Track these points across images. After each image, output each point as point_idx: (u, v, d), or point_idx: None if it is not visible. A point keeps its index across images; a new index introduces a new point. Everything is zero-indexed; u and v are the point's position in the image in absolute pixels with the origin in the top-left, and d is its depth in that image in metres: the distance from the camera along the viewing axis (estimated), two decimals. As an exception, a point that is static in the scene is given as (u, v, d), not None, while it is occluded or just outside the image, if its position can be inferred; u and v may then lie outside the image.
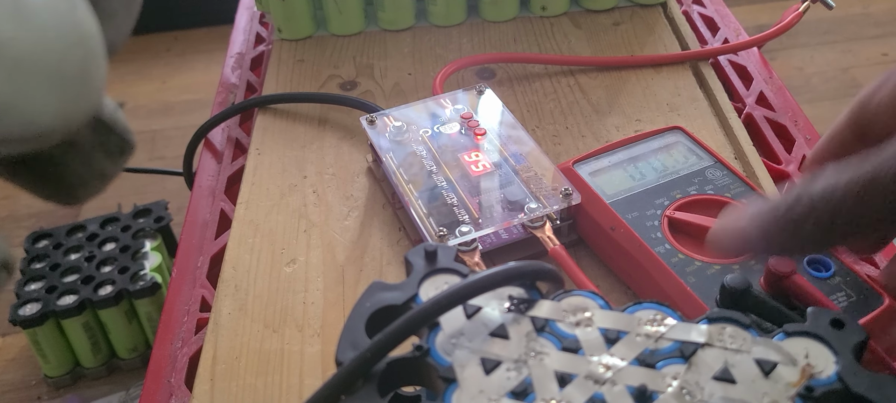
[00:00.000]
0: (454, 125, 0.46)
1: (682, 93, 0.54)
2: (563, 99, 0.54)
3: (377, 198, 0.46)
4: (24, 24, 0.15)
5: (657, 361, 0.23)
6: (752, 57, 0.59)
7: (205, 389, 0.36)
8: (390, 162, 0.43)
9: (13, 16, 0.14)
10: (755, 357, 0.23)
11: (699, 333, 0.24)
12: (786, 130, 0.51)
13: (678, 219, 0.38)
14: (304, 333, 0.39)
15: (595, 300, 0.25)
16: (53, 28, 0.15)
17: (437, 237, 0.38)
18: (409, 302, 0.26)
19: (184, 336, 0.41)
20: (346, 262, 0.42)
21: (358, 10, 0.62)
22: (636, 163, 0.42)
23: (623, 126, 0.51)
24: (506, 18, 0.63)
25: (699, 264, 0.36)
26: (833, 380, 0.22)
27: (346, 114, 0.54)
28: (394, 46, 0.61)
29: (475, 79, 0.56)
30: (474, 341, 0.24)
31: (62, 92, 0.16)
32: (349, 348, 0.24)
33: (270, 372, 0.37)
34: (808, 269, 0.35)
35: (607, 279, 0.40)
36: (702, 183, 0.40)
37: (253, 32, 0.67)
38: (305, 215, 0.46)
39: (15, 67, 0.14)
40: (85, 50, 0.16)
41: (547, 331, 0.24)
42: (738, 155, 0.48)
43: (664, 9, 0.63)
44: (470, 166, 0.42)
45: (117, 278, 0.94)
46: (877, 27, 1.67)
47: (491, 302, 0.25)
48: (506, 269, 0.25)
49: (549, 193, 0.40)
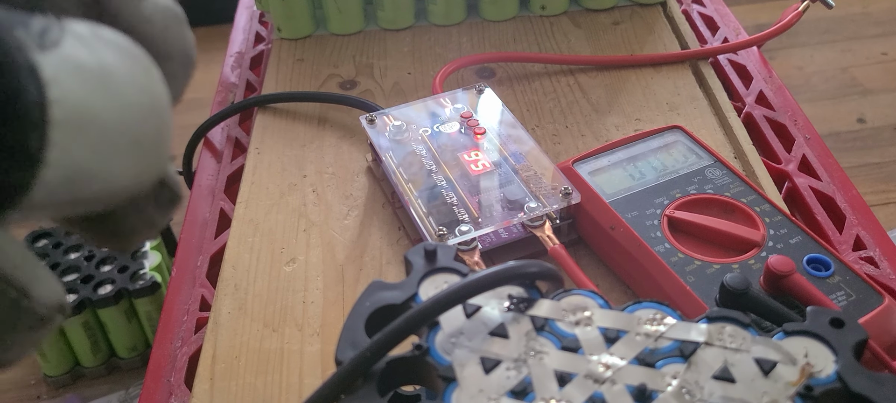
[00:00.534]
0: (454, 124, 0.46)
1: (681, 93, 0.54)
2: (562, 98, 0.54)
3: (377, 197, 0.46)
4: (110, 96, 0.15)
5: (657, 360, 0.23)
6: (751, 56, 0.59)
7: (204, 388, 0.36)
8: (390, 161, 0.43)
9: (101, 89, 0.15)
10: (755, 356, 0.23)
11: (699, 332, 0.24)
12: (785, 129, 0.51)
13: (678, 219, 0.38)
14: (304, 332, 0.39)
15: (595, 299, 0.25)
16: (134, 99, 0.16)
17: (436, 236, 0.38)
18: (409, 302, 0.26)
19: (183, 336, 0.41)
20: (345, 261, 0.42)
21: (358, 10, 0.62)
22: (636, 162, 0.42)
23: (623, 125, 0.51)
24: (505, 18, 0.63)
25: (699, 263, 0.36)
26: (832, 379, 0.22)
27: (345, 114, 0.54)
28: (393, 46, 0.61)
29: (475, 79, 0.56)
30: (474, 340, 0.24)
31: (139, 157, 0.16)
32: (349, 347, 0.24)
33: (270, 372, 0.37)
34: (807, 268, 0.35)
35: (607, 278, 0.40)
36: (701, 182, 0.40)
37: (252, 31, 0.67)
38: (305, 214, 0.46)
39: (101, 138, 0.15)
40: (160, 117, 0.17)
41: (546, 330, 0.24)
42: (737, 154, 0.48)
43: (664, 8, 0.63)
44: (469, 165, 0.42)
45: (117, 277, 0.94)
46: (876, 26, 1.67)
47: (490, 302, 0.25)
48: (505, 268, 0.25)
49: (548, 192, 0.40)
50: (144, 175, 0.17)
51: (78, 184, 0.15)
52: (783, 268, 0.33)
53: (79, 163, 0.15)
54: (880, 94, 1.49)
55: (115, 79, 0.16)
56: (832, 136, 1.39)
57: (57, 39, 0.15)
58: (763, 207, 0.39)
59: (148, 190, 0.18)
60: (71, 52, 0.15)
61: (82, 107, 0.15)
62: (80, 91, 0.15)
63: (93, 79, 0.15)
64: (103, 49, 0.16)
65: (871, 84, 1.52)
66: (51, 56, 0.14)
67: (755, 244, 0.37)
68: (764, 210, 0.39)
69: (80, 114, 0.15)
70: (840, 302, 0.34)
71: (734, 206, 0.39)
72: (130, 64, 0.16)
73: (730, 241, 0.37)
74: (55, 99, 0.14)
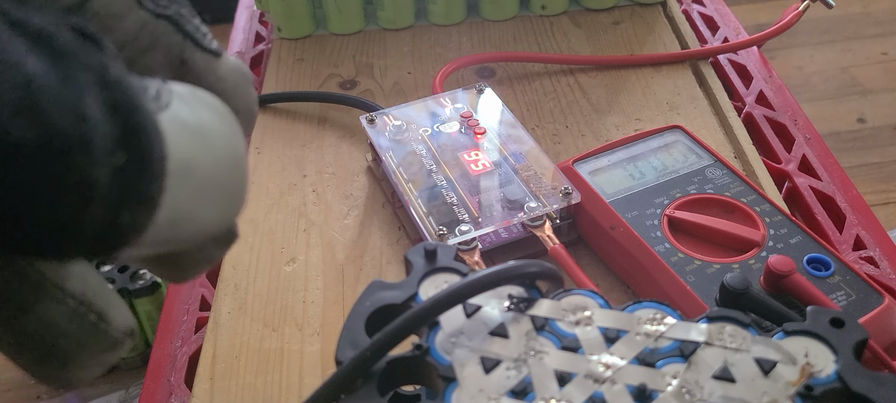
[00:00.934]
0: (454, 124, 0.46)
1: (681, 93, 0.54)
2: (562, 98, 0.54)
3: (377, 197, 0.46)
4: (206, 150, 0.17)
5: (657, 360, 0.23)
6: (751, 56, 0.59)
7: (204, 388, 0.36)
8: (390, 161, 0.43)
9: (200, 143, 0.17)
10: (755, 356, 0.23)
11: (699, 332, 0.24)
12: (785, 129, 0.51)
13: (678, 218, 0.38)
14: (304, 332, 0.39)
15: (595, 299, 0.25)
16: (225, 152, 0.18)
17: (436, 236, 0.38)
18: (409, 301, 0.26)
19: (183, 336, 0.41)
20: (345, 261, 0.42)
21: (358, 9, 0.62)
22: (636, 162, 0.42)
23: (623, 125, 0.51)
24: (505, 17, 0.63)
25: (699, 263, 0.36)
26: (832, 379, 0.22)
27: (345, 113, 0.54)
28: (393, 45, 0.61)
29: (475, 78, 0.56)
30: (474, 340, 0.24)
31: (226, 203, 0.18)
32: (349, 347, 0.24)
33: (270, 371, 0.37)
34: (807, 268, 0.35)
35: (607, 278, 0.40)
36: (701, 182, 0.40)
37: (252, 31, 0.67)
38: (305, 214, 0.46)
39: (199, 186, 0.17)
40: (241, 168, 0.19)
41: (547, 330, 0.24)
42: (737, 154, 0.48)
43: (664, 8, 0.63)
44: (470, 165, 0.42)
45: (117, 277, 0.94)
46: (876, 26, 1.67)
47: (491, 301, 0.25)
48: (505, 268, 0.25)
49: (548, 192, 0.40)
50: (228, 218, 0.19)
51: (177, 226, 0.17)
52: (783, 268, 0.33)
53: (181, 208, 0.17)
54: (880, 94, 1.49)
55: (210, 135, 0.18)
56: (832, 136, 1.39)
57: (168, 101, 0.17)
58: (763, 207, 0.39)
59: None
60: (177, 112, 0.17)
61: (186, 159, 0.17)
62: (185, 145, 0.17)
63: (194, 135, 0.17)
64: (200, 108, 0.18)
65: (871, 84, 1.52)
66: (164, 115, 0.16)
67: (755, 244, 0.37)
68: (764, 210, 0.39)
69: (184, 165, 0.16)
70: (840, 301, 0.34)
71: (734, 206, 0.39)
72: (221, 121, 0.18)
73: (730, 241, 0.37)
74: (169, 153, 0.16)
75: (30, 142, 0.13)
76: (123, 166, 0.14)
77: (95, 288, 0.18)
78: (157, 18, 0.19)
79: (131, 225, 0.15)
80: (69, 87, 0.13)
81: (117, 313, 0.19)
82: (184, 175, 0.16)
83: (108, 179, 0.14)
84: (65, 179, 0.13)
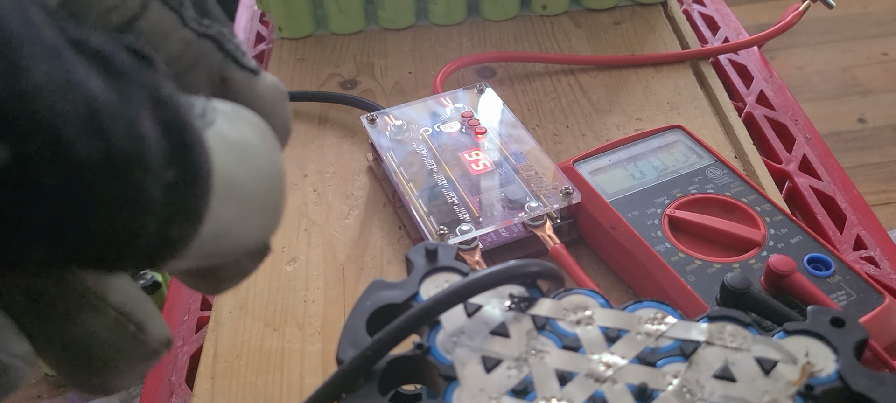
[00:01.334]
0: (455, 124, 0.46)
1: (682, 92, 0.54)
2: (563, 98, 0.54)
3: (378, 196, 0.46)
4: (248, 166, 0.18)
5: (658, 359, 0.23)
6: (752, 56, 0.59)
7: (205, 387, 0.37)
8: (391, 160, 0.43)
9: (243, 160, 0.18)
10: (755, 355, 0.23)
11: (699, 331, 0.24)
12: (786, 129, 0.51)
13: (678, 218, 0.38)
14: (305, 331, 0.39)
15: (595, 298, 0.25)
16: (265, 168, 0.19)
17: (437, 235, 0.38)
18: (410, 301, 0.26)
19: (184, 335, 0.41)
20: (346, 261, 0.42)
21: (358, 9, 0.62)
22: (636, 161, 0.42)
23: (623, 125, 0.51)
24: (506, 17, 0.63)
25: (699, 263, 0.36)
26: (833, 378, 0.22)
27: (346, 113, 0.54)
28: (394, 45, 0.61)
29: (476, 78, 0.56)
30: (475, 339, 0.24)
31: (266, 218, 0.19)
32: (350, 346, 0.24)
33: (271, 371, 0.37)
34: (808, 268, 0.36)
35: (607, 277, 0.40)
36: (702, 182, 0.41)
37: (253, 31, 0.67)
38: (306, 213, 0.46)
39: (241, 202, 0.18)
40: (280, 184, 0.20)
41: (547, 329, 0.25)
42: (738, 154, 0.48)
43: (664, 8, 0.63)
44: (470, 165, 0.42)
45: (117, 277, 0.94)
46: (877, 26, 1.67)
47: (491, 301, 0.25)
48: (506, 268, 0.25)
49: (549, 192, 0.40)
50: (266, 233, 0.20)
51: (220, 241, 0.18)
52: (784, 268, 0.33)
53: (223, 223, 0.17)
54: (881, 94, 1.49)
55: (253, 152, 0.18)
56: (833, 136, 1.39)
57: (213, 119, 0.17)
58: (764, 207, 0.39)
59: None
60: (221, 129, 0.17)
61: (230, 175, 0.17)
62: (229, 162, 0.17)
63: (237, 152, 0.18)
64: (243, 125, 0.18)
65: (871, 84, 1.52)
66: (209, 132, 0.17)
67: (756, 243, 0.37)
68: (764, 209, 0.39)
69: (228, 181, 0.17)
70: (840, 301, 0.34)
71: (735, 206, 0.39)
72: (262, 138, 0.19)
73: (730, 241, 0.37)
74: (214, 169, 0.16)
75: (93, 159, 0.13)
76: (174, 182, 0.15)
77: (134, 299, 0.19)
78: (200, 38, 0.20)
79: (179, 238, 0.16)
80: (127, 106, 0.14)
81: (154, 323, 0.19)
82: (228, 191, 0.17)
83: (161, 195, 0.15)
84: (124, 195, 0.14)
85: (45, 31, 0.13)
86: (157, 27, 0.19)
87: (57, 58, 0.13)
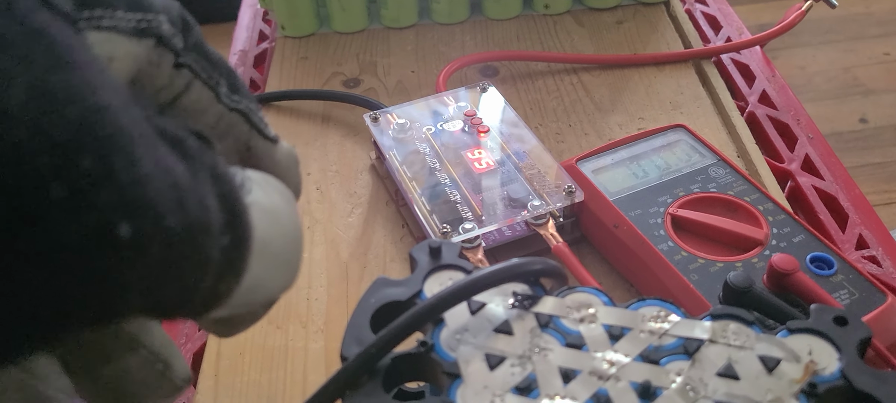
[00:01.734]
0: (457, 122, 0.46)
1: (684, 92, 0.54)
2: (566, 97, 0.54)
3: (380, 195, 0.46)
4: (276, 227, 0.20)
5: (661, 357, 0.23)
6: (754, 55, 0.59)
7: (209, 385, 0.37)
8: (393, 159, 0.43)
9: (272, 222, 0.20)
10: (759, 353, 0.23)
11: (703, 330, 0.24)
12: (788, 129, 0.51)
13: (681, 217, 0.38)
14: (308, 329, 0.39)
15: (599, 296, 0.26)
16: (289, 229, 0.21)
17: (440, 234, 0.38)
18: (414, 298, 0.26)
19: (187, 332, 0.41)
20: (349, 259, 0.42)
21: (361, 8, 0.62)
22: (639, 160, 0.42)
23: (626, 124, 0.51)
24: (509, 16, 0.63)
25: (702, 261, 0.36)
26: (836, 377, 0.22)
27: (349, 112, 0.54)
28: (397, 44, 0.61)
29: (478, 77, 0.56)
30: (479, 337, 0.24)
31: (288, 273, 0.21)
32: (354, 343, 0.24)
33: (274, 368, 0.37)
34: (810, 267, 0.36)
35: (610, 276, 0.40)
36: (704, 181, 0.41)
37: (256, 30, 0.67)
38: (309, 212, 0.46)
39: (271, 258, 0.20)
40: (300, 242, 0.22)
41: (551, 327, 0.25)
42: (740, 153, 0.48)
43: (667, 7, 0.63)
44: (473, 163, 0.43)
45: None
46: (879, 26, 1.67)
47: (495, 299, 0.25)
48: (510, 266, 0.25)
49: (552, 191, 0.40)
50: (287, 285, 0.21)
51: (251, 293, 0.19)
52: (786, 267, 0.33)
53: (255, 278, 0.19)
54: (883, 95, 1.49)
55: (280, 215, 0.20)
56: (835, 136, 1.39)
57: (250, 188, 0.19)
58: (766, 206, 0.39)
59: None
60: (257, 197, 0.19)
61: (263, 236, 0.19)
62: (262, 224, 0.19)
63: (269, 216, 0.20)
64: (272, 191, 0.21)
65: (873, 84, 1.52)
66: (249, 200, 0.19)
67: (758, 242, 0.37)
68: (767, 209, 0.39)
69: (262, 241, 0.19)
70: (843, 300, 0.34)
71: (737, 205, 0.39)
72: (286, 202, 0.21)
73: (733, 240, 0.37)
74: (253, 232, 0.19)
75: (178, 229, 0.15)
76: (228, 245, 0.17)
77: (162, 341, 0.22)
78: (231, 111, 0.22)
79: (225, 292, 0.18)
80: (197, 183, 0.16)
81: (179, 362, 0.22)
82: (262, 250, 0.19)
83: (218, 255, 0.17)
84: (194, 257, 0.16)
85: (144, 125, 0.15)
86: (197, 104, 0.22)
87: (155, 148, 0.15)
